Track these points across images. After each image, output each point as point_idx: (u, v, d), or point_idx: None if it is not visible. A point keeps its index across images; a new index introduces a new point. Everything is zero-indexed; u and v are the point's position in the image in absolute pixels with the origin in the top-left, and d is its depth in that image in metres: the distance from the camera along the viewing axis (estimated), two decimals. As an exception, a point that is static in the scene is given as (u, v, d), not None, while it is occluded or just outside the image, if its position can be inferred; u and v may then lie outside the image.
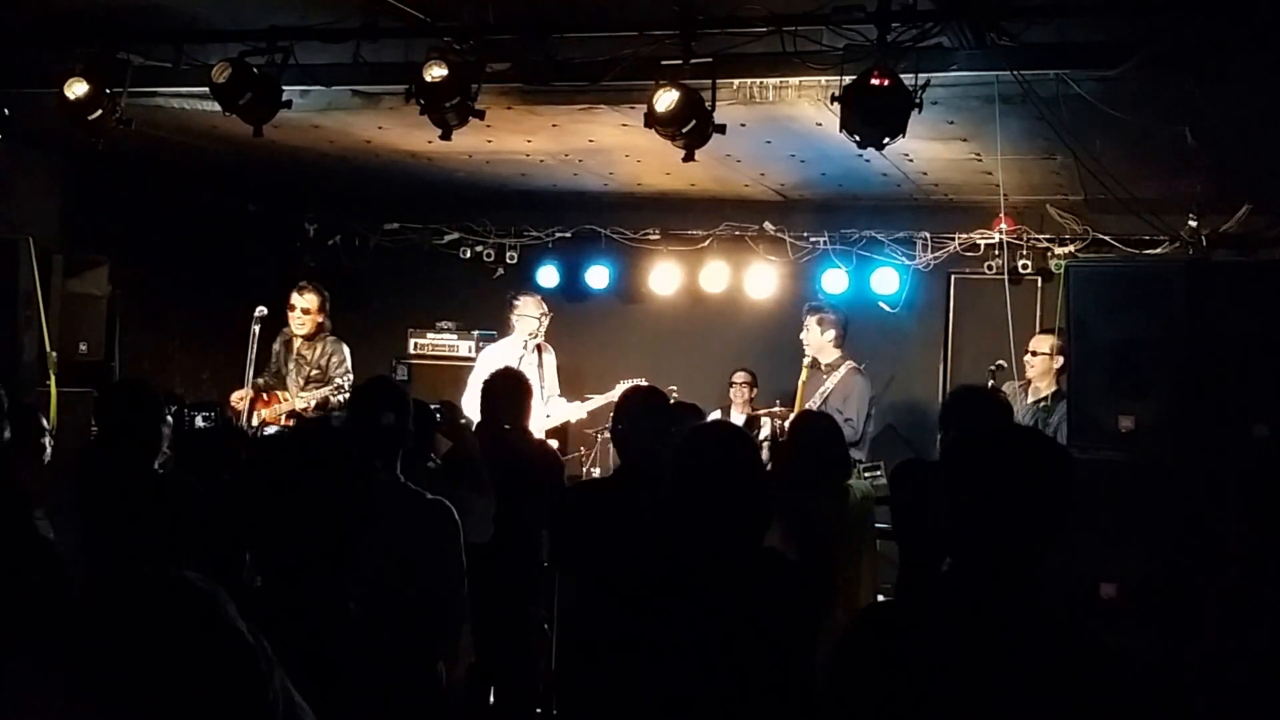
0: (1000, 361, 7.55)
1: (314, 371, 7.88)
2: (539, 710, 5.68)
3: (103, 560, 4.16)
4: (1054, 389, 7.33)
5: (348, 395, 7.64)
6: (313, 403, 7.72)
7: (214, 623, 1.78)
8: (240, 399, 7.59)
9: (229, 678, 1.76)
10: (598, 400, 8.08)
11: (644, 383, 7.06)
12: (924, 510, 3.61)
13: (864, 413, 7.45)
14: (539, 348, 7.94)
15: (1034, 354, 7.45)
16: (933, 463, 4.88)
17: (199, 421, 5.05)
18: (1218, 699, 3.54)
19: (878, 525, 7.44)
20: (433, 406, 5.20)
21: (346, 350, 7.91)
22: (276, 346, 7.90)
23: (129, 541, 4.20)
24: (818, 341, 7.67)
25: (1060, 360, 7.41)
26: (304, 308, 7.79)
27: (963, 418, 4.60)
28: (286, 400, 7.71)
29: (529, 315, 7.96)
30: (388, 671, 3.47)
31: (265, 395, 7.70)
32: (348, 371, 7.85)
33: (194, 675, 1.73)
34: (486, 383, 5.71)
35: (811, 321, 7.71)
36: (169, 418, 4.68)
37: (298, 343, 7.83)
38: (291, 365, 7.83)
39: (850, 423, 7.31)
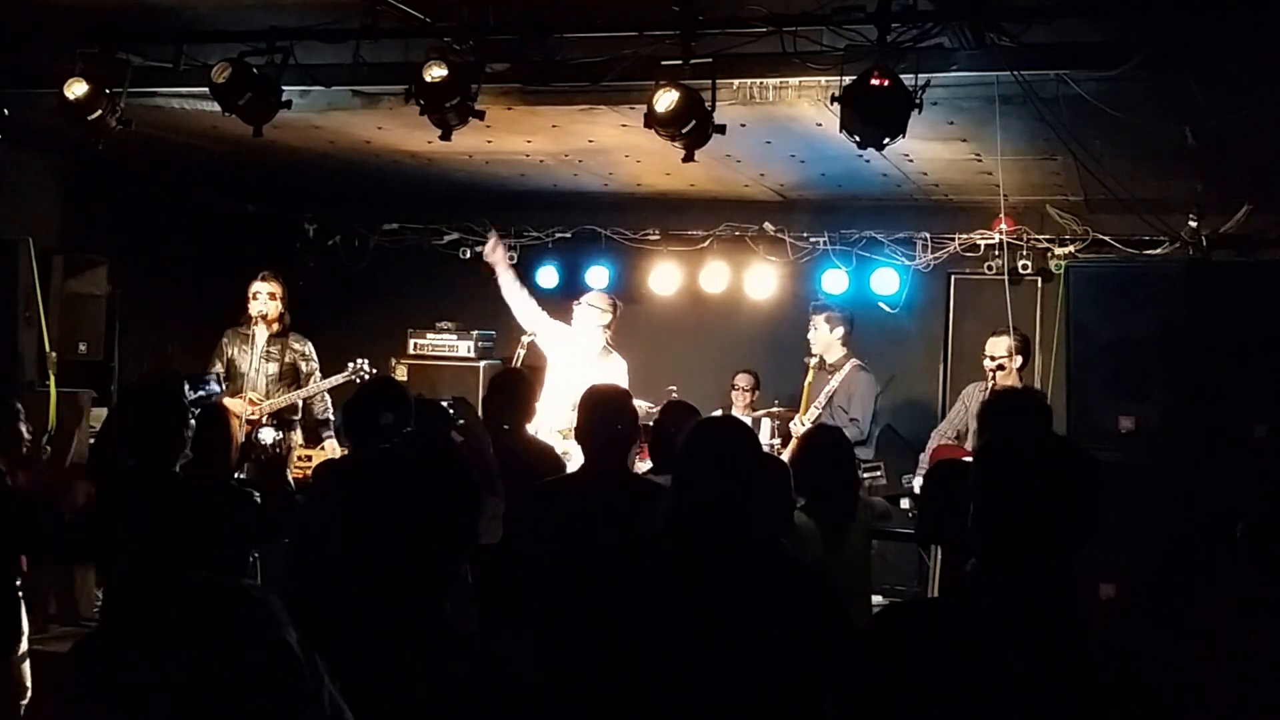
0: (999, 365, 7.55)
1: (283, 370, 7.69)
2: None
3: (135, 561, 4.17)
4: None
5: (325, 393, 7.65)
6: (300, 402, 7.69)
7: (267, 633, 1.79)
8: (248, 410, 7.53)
9: (277, 687, 1.77)
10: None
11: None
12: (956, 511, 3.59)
13: (869, 411, 7.44)
14: (604, 350, 7.65)
15: (991, 358, 7.44)
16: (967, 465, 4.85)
17: (212, 385, 5.09)
18: (1219, 699, 3.54)
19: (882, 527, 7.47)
20: (443, 403, 5.19)
21: (311, 346, 7.79)
22: (227, 345, 7.65)
23: (167, 545, 4.20)
24: (825, 340, 7.66)
25: (1020, 360, 7.44)
26: (270, 292, 7.57)
27: (1002, 421, 4.55)
28: (254, 403, 7.59)
29: (586, 305, 7.69)
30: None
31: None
32: (317, 369, 7.73)
33: (244, 682, 1.74)
34: (492, 382, 5.71)
35: (819, 320, 7.69)
36: (191, 421, 4.68)
37: (260, 339, 7.60)
38: (256, 363, 7.58)
39: (856, 423, 7.30)
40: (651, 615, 3.17)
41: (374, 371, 7.72)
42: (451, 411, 5.13)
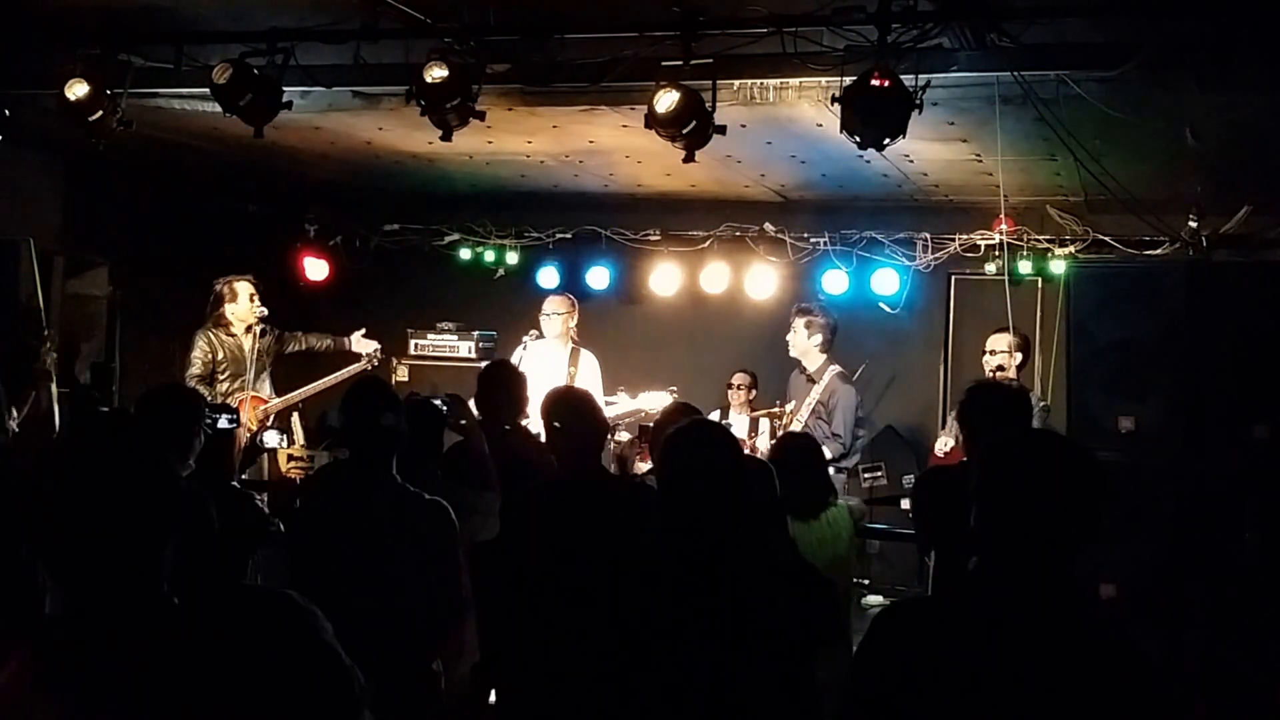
0: (1000, 364, 7.57)
1: (270, 363, 7.98)
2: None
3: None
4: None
5: None
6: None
7: (315, 641, 1.79)
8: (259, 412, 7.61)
9: (326, 696, 1.77)
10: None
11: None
12: (947, 512, 3.60)
13: (850, 423, 7.38)
14: (574, 350, 7.84)
15: (992, 353, 7.46)
16: (954, 469, 4.87)
17: (222, 423, 5.06)
18: (1219, 698, 3.55)
19: (877, 525, 7.49)
20: (435, 401, 5.19)
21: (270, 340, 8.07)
22: (212, 347, 7.77)
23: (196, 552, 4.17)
24: (803, 345, 7.60)
25: (1019, 357, 7.45)
26: (258, 294, 7.82)
27: (985, 416, 4.54)
28: (263, 400, 7.71)
29: (547, 314, 7.89)
30: (383, 671, 3.45)
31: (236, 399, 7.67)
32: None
33: (292, 691, 1.74)
34: (484, 379, 5.64)
35: (799, 324, 7.61)
36: (206, 429, 4.65)
37: (249, 339, 7.77)
38: (253, 364, 7.73)
39: (838, 438, 7.26)
40: (651, 619, 3.17)
41: (388, 359, 7.84)
42: (445, 410, 5.13)
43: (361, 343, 8.41)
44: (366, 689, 1.86)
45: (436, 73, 5.48)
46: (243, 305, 7.82)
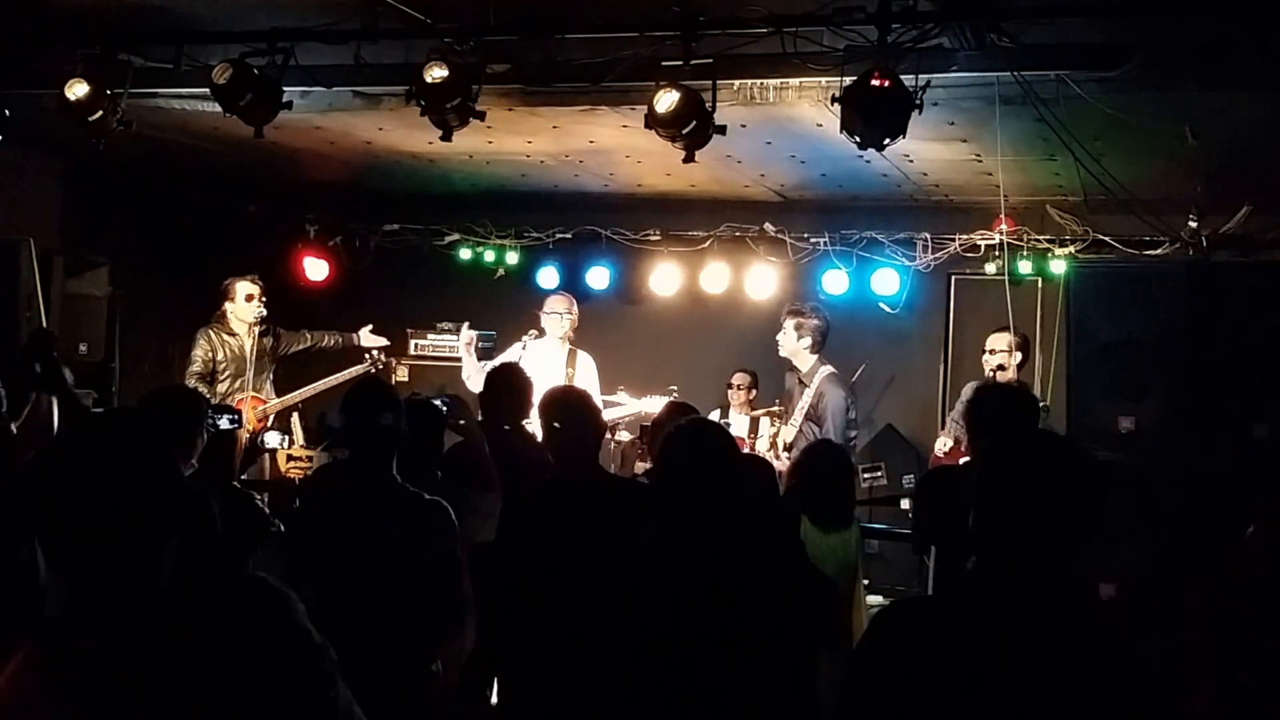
0: (1000, 363, 7.57)
1: (273, 365, 8.04)
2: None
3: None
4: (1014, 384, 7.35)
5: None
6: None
7: (291, 621, 1.85)
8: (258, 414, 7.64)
9: (298, 673, 1.82)
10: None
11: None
12: (951, 512, 3.61)
13: (841, 425, 7.35)
14: (571, 351, 7.89)
15: (992, 353, 7.48)
16: (958, 469, 4.89)
17: (224, 424, 5.08)
18: (1218, 699, 3.55)
19: (877, 525, 7.49)
20: (436, 401, 5.19)
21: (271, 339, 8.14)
22: (213, 346, 7.80)
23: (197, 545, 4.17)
24: (792, 346, 7.56)
25: (1019, 357, 7.47)
26: (259, 294, 7.86)
27: (995, 417, 4.54)
28: (263, 400, 7.74)
29: (555, 313, 7.93)
30: (384, 671, 3.46)
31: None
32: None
33: (267, 669, 1.79)
34: (490, 382, 5.65)
35: (789, 325, 7.56)
36: (208, 429, 4.65)
37: (249, 339, 7.81)
38: (253, 364, 7.77)
39: None
40: (648, 619, 3.17)
41: (390, 361, 7.86)
42: (445, 410, 5.13)
43: (369, 338, 8.46)
44: (337, 663, 1.92)
45: (436, 73, 5.48)
46: (240, 305, 7.84)
